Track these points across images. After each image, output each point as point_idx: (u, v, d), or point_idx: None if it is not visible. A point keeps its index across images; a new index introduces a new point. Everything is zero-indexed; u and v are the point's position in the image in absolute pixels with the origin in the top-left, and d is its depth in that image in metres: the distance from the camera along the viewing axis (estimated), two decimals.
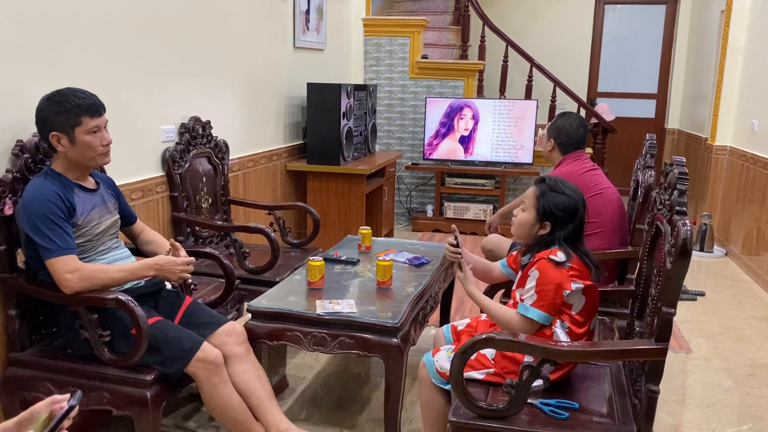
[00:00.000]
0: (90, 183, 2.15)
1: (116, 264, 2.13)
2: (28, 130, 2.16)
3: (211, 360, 2.02)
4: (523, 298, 1.90)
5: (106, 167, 2.34)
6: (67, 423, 1.14)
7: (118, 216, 2.24)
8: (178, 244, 2.24)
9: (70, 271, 1.95)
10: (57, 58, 2.30)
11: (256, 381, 2.13)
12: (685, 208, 1.67)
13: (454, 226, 2.20)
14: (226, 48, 3.47)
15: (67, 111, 1.98)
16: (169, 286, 2.35)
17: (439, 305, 2.83)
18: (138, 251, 2.39)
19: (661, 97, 7.37)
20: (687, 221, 1.60)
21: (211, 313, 2.30)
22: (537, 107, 5.37)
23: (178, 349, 2.01)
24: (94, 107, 2.03)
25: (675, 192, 1.72)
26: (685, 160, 1.80)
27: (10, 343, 2.11)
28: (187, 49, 3.09)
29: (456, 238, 2.09)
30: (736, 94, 5.18)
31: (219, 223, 3.21)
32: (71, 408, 1.12)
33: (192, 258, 2.17)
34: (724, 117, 5.27)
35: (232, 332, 2.19)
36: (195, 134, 3.12)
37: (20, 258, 2.10)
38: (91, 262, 2.08)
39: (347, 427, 2.51)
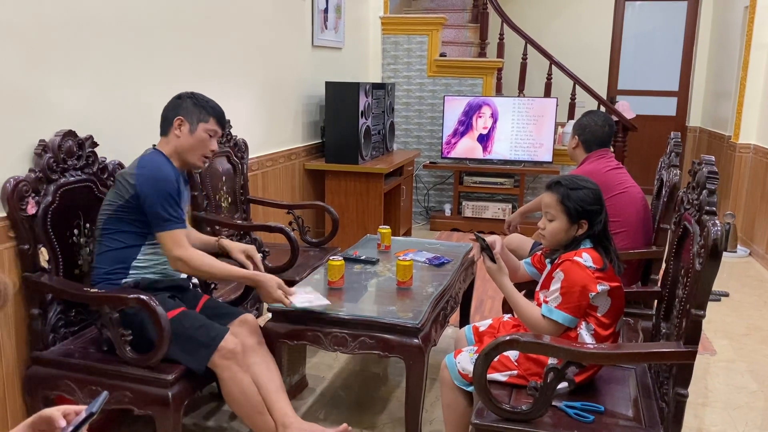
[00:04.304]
0: (184, 175, 2.30)
1: (224, 264, 2.21)
2: (50, 129, 2.17)
3: (231, 348, 2.05)
4: (547, 299, 1.87)
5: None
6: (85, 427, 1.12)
7: None
8: (252, 249, 2.37)
9: (178, 256, 2.09)
10: (78, 59, 2.31)
11: (266, 372, 2.14)
12: (714, 208, 1.64)
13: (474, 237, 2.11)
14: (246, 47, 3.47)
15: (203, 107, 2.21)
16: (189, 285, 2.37)
17: (459, 306, 2.81)
18: None
19: (683, 95, 7.27)
20: (717, 221, 1.57)
21: (227, 306, 2.35)
22: (557, 105, 5.32)
23: (204, 337, 2.03)
24: (223, 118, 2.28)
25: (704, 191, 1.68)
26: (714, 159, 1.76)
27: (33, 341, 2.13)
28: (206, 49, 3.10)
29: (482, 241, 2.04)
30: (760, 92, 5.09)
31: (239, 222, 3.21)
32: (91, 414, 1.10)
33: (286, 302, 2.15)
34: (748, 115, 5.18)
35: (246, 323, 2.21)
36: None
37: (43, 257, 2.11)
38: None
39: (367, 428, 2.50)
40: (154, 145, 2.23)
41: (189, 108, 2.19)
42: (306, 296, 2.21)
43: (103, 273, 2.13)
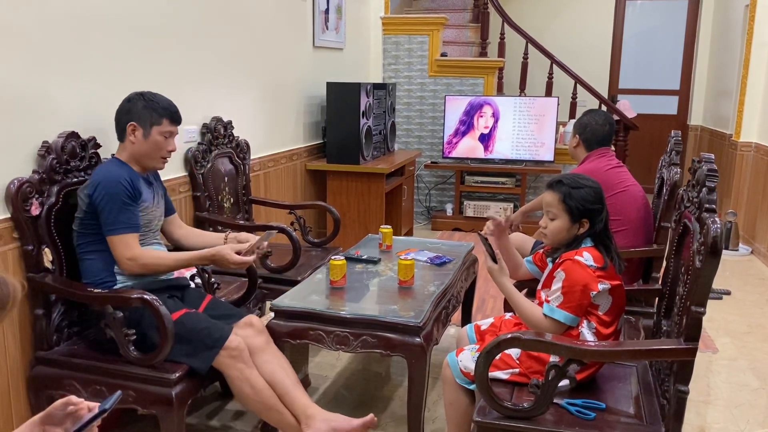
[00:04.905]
0: (147, 177, 2.27)
1: (174, 253, 2.25)
2: (53, 131, 2.18)
3: (234, 346, 2.05)
4: (549, 299, 1.88)
5: None
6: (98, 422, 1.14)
7: (164, 210, 2.35)
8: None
9: (129, 257, 2.09)
10: (81, 60, 2.32)
11: (279, 370, 2.15)
12: (714, 206, 1.64)
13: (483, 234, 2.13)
14: (247, 48, 3.48)
15: (154, 109, 2.16)
16: (192, 285, 2.38)
17: (461, 305, 2.82)
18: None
19: (684, 94, 7.27)
20: (716, 219, 1.57)
21: (231, 307, 2.35)
22: (558, 104, 5.32)
23: (207, 338, 2.04)
24: (176, 115, 2.23)
25: (704, 189, 1.69)
26: (713, 157, 1.77)
27: (37, 341, 2.14)
28: (208, 50, 3.11)
29: (489, 245, 2.05)
30: (761, 90, 5.09)
31: (241, 222, 3.22)
32: (103, 411, 1.12)
33: (249, 259, 2.21)
34: (750, 113, 5.18)
35: (251, 324, 2.22)
36: (217, 134, 3.13)
37: (47, 258, 2.12)
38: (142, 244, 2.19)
39: (369, 426, 2.50)
40: (113, 154, 2.23)
41: (140, 112, 2.14)
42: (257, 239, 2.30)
43: (93, 286, 2.12)
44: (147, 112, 2.14)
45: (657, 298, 2.21)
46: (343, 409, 2.63)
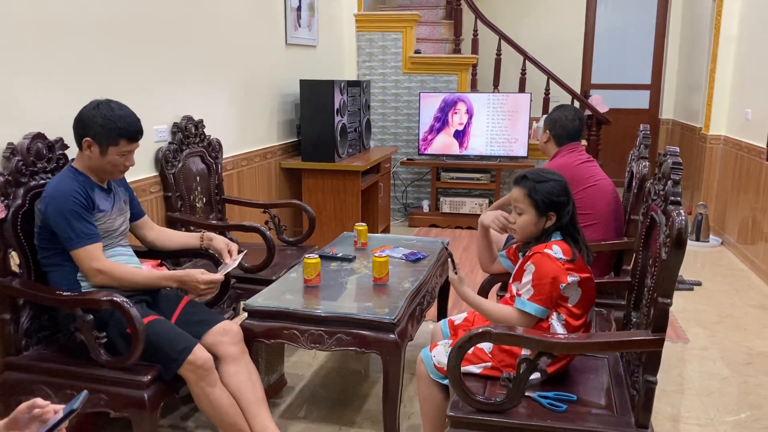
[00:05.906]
0: (105, 184, 2.21)
1: (143, 270, 2.20)
2: (19, 133, 2.14)
3: (199, 365, 2.02)
4: (520, 292, 1.90)
5: None
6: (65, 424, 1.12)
7: (129, 214, 2.30)
8: (234, 246, 2.36)
9: (98, 269, 2.04)
10: (48, 60, 2.29)
11: (247, 383, 2.13)
12: (679, 198, 1.67)
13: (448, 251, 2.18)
14: (218, 46, 3.45)
15: (111, 129, 2.04)
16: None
17: (436, 300, 2.83)
18: (148, 254, 2.45)
19: (655, 88, 7.37)
20: (681, 211, 1.60)
21: (208, 311, 2.31)
22: (531, 100, 5.36)
23: (171, 350, 2.01)
24: (135, 134, 2.10)
25: (669, 182, 1.72)
26: (678, 150, 1.80)
27: (5, 346, 2.10)
28: (178, 48, 3.08)
29: (451, 258, 2.08)
30: (729, 83, 5.19)
31: (214, 222, 3.20)
32: (72, 411, 1.10)
33: (219, 277, 2.20)
34: (718, 106, 5.28)
35: (228, 332, 2.18)
36: (188, 133, 3.10)
37: (14, 261, 2.09)
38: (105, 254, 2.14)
39: (346, 424, 2.51)
40: (72, 161, 2.17)
41: (97, 130, 2.03)
42: (226, 264, 2.29)
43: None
44: (104, 131, 2.03)
45: (627, 290, 2.24)
46: (320, 407, 2.64)
